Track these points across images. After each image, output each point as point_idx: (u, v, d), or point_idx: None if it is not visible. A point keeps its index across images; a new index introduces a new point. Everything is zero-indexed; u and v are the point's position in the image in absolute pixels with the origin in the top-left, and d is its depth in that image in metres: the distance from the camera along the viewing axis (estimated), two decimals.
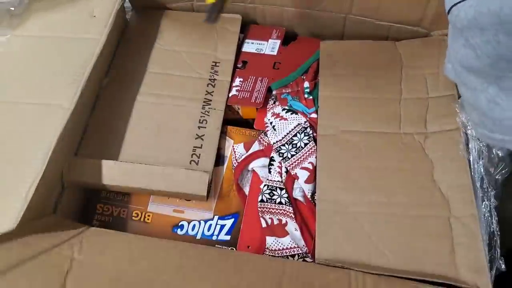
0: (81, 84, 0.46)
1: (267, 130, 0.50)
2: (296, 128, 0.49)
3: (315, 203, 0.46)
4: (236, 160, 0.50)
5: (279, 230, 0.46)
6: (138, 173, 0.46)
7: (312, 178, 0.47)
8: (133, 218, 0.49)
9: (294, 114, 0.50)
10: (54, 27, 0.51)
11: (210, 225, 0.49)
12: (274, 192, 0.47)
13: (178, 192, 0.46)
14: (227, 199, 0.50)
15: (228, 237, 0.48)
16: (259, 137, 0.51)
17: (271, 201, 0.47)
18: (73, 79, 0.46)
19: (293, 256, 0.45)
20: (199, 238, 0.48)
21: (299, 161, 0.48)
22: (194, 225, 0.49)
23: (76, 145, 0.48)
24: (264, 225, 0.46)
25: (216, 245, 0.47)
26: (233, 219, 0.49)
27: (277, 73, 0.53)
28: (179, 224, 0.49)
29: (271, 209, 0.47)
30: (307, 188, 0.46)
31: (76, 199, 0.49)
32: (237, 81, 0.53)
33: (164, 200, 0.50)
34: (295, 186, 0.48)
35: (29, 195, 0.39)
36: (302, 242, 0.45)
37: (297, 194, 0.47)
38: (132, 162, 0.47)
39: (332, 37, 0.57)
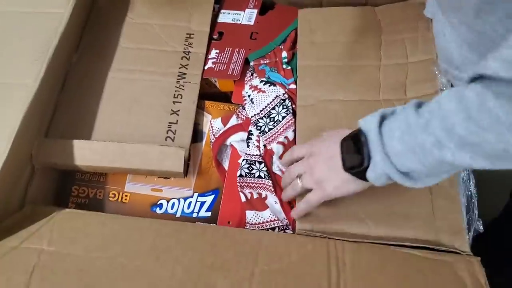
0: (46, 61, 0.44)
1: (245, 104, 0.49)
2: (275, 100, 0.48)
3: None
4: (214, 135, 0.49)
5: (259, 204, 0.45)
6: (111, 152, 0.45)
7: None
8: (110, 199, 0.48)
9: (272, 86, 0.49)
10: (11, 1, 0.49)
11: (190, 202, 0.48)
12: (253, 166, 0.47)
13: (154, 169, 0.45)
14: (207, 176, 0.49)
15: (208, 214, 0.48)
16: (237, 111, 0.50)
17: (250, 176, 0.46)
18: (37, 56, 0.44)
19: (273, 228, 0.45)
20: (179, 216, 0.48)
21: (276, 135, 0.47)
22: (173, 203, 0.48)
23: (45, 125, 0.47)
24: (243, 199, 0.46)
25: (197, 222, 0.47)
26: (213, 196, 0.48)
27: (255, 43, 0.51)
28: (158, 203, 0.48)
29: (250, 183, 0.46)
30: (282, 164, 0.46)
31: (49, 182, 0.48)
32: (213, 53, 0.51)
33: (141, 179, 0.49)
34: (273, 160, 0.47)
35: None
36: (283, 215, 0.45)
37: (275, 169, 0.47)
38: (105, 140, 0.46)
39: (311, 5, 0.55)
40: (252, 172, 0.46)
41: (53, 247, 0.39)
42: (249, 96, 0.49)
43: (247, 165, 0.47)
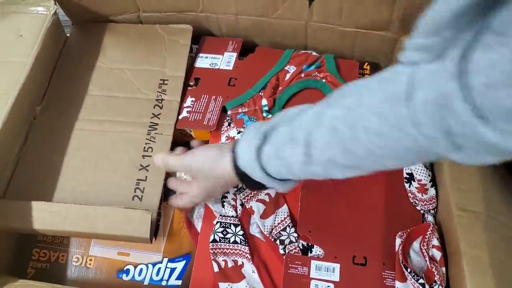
0: (3, 116, 0.43)
1: None
2: None
3: (274, 240, 0.43)
4: None
5: (234, 274, 0.42)
6: (72, 215, 0.42)
7: (270, 212, 0.43)
8: (74, 263, 0.46)
9: None
10: None
11: (159, 268, 0.46)
12: (227, 229, 0.44)
13: (118, 235, 0.42)
14: (178, 238, 0.46)
15: (179, 282, 0.45)
16: None
17: (224, 241, 0.43)
18: None
19: None
20: (146, 284, 0.45)
21: (254, 193, 0.44)
22: (141, 270, 0.46)
23: (3, 185, 0.45)
24: (216, 269, 0.42)
25: None
26: (184, 261, 0.45)
27: (233, 90, 0.49)
28: (125, 268, 0.46)
29: (224, 250, 0.43)
30: (264, 224, 0.43)
31: (7, 243, 0.46)
32: (189, 101, 0.49)
33: (107, 241, 0.47)
34: (251, 221, 0.44)
35: None
36: (261, 286, 0.41)
37: (254, 231, 0.44)
38: (67, 202, 0.43)
39: (295, 47, 0.53)
40: (226, 236, 0.43)
41: None
42: None
43: (221, 229, 0.44)
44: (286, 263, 0.42)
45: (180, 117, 0.48)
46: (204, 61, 0.52)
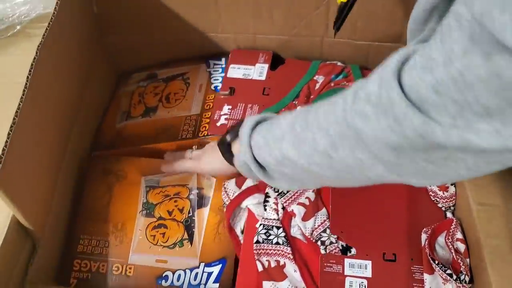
0: None
1: None
2: None
3: (315, 241, 0.46)
4: (229, 197, 0.49)
5: (277, 273, 0.45)
6: None
7: (311, 214, 0.47)
8: (114, 272, 0.47)
9: None
10: None
11: (197, 273, 0.48)
12: (270, 231, 0.47)
13: None
14: (213, 243, 0.49)
15: (216, 285, 0.47)
16: None
17: (267, 242, 0.46)
18: None
19: None
20: None
21: (295, 196, 0.48)
22: (179, 275, 0.47)
23: None
24: (260, 268, 0.45)
25: None
26: (220, 265, 0.48)
27: (267, 99, 0.53)
28: (163, 275, 0.47)
29: (267, 250, 0.46)
30: (305, 226, 0.46)
31: (49, 255, 0.46)
32: (225, 108, 0.53)
33: (146, 249, 0.48)
34: (292, 223, 0.48)
35: None
36: (303, 284, 0.45)
37: (295, 232, 0.47)
38: None
39: (316, 58, 0.58)
40: (269, 238, 0.47)
41: None
42: None
43: (264, 231, 0.47)
44: (321, 263, 0.45)
45: (218, 124, 0.51)
46: (236, 72, 0.56)
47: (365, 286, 0.45)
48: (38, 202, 0.43)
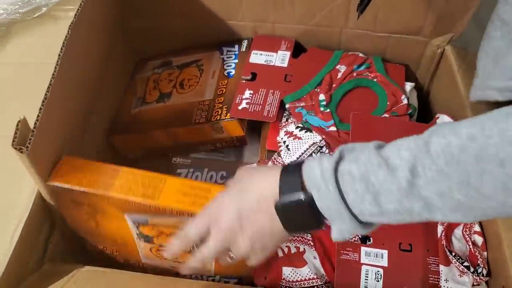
0: None
1: (281, 150, 0.50)
2: (311, 147, 0.50)
3: None
4: None
5: (297, 259, 0.46)
6: None
7: None
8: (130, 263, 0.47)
9: (308, 132, 0.51)
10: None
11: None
12: None
13: None
14: (227, 268, 0.46)
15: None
16: (273, 158, 0.51)
17: None
18: None
19: (312, 287, 0.45)
20: None
21: None
22: None
23: None
24: (281, 254, 0.46)
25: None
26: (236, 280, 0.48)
27: (289, 86, 0.53)
28: None
29: None
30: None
31: (68, 234, 0.46)
32: (247, 93, 0.53)
33: (156, 262, 0.47)
34: None
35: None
36: (322, 271, 0.45)
37: None
38: None
39: (335, 48, 0.59)
40: None
41: None
42: (284, 142, 0.50)
43: None
44: (338, 250, 0.46)
45: (239, 107, 0.51)
46: (258, 58, 0.56)
47: (380, 275, 0.45)
48: None
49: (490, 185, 0.24)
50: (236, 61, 0.59)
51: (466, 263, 0.45)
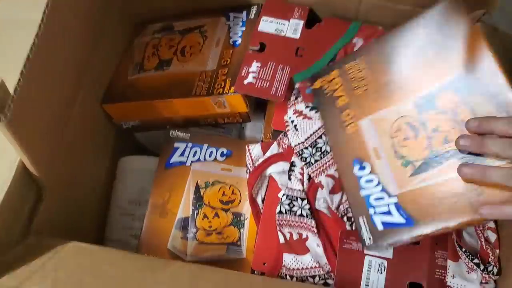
0: None
1: (287, 130, 0.47)
2: (321, 129, 0.46)
3: (341, 216, 0.44)
4: (253, 163, 0.46)
5: (299, 247, 0.44)
6: None
7: (339, 188, 0.45)
8: None
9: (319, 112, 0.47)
10: None
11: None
12: (294, 202, 0.45)
13: None
14: None
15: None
16: (278, 139, 0.48)
17: (290, 213, 0.44)
18: None
19: (313, 277, 0.43)
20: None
21: (324, 168, 0.45)
22: None
23: None
24: (282, 240, 0.44)
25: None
26: None
27: (300, 61, 0.49)
28: None
29: (290, 222, 0.44)
30: (332, 199, 0.44)
31: (57, 207, 0.43)
32: (254, 66, 0.48)
33: None
34: (318, 196, 0.45)
35: None
36: (325, 260, 0.43)
37: (320, 205, 0.45)
38: None
39: (352, 18, 0.53)
40: (293, 209, 0.44)
41: None
42: (292, 122, 0.47)
43: (287, 201, 0.45)
44: (341, 239, 0.44)
45: (245, 82, 0.47)
46: (268, 26, 0.52)
47: (384, 266, 0.43)
48: (45, 149, 0.40)
49: None
50: (244, 29, 0.54)
51: (476, 260, 0.43)
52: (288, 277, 0.43)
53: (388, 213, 0.39)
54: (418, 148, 0.39)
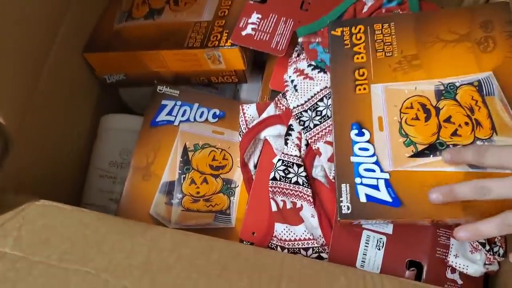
0: None
1: (287, 91, 0.43)
2: (323, 91, 0.42)
3: None
4: (247, 125, 0.42)
5: (292, 216, 0.40)
6: None
7: None
8: None
9: (322, 72, 0.43)
10: None
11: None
12: (289, 169, 0.41)
13: None
14: None
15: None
16: (276, 100, 0.43)
17: (285, 180, 0.41)
18: None
19: (306, 249, 0.40)
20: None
21: (323, 133, 0.41)
22: None
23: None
24: (274, 208, 0.40)
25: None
26: None
27: (305, 15, 0.45)
28: None
29: (284, 190, 0.41)
30: (330, 168, 0.41)
31: (26, 163, 0.40)
32: (254, 17, 0.44)
33: None
34: (315, 163, 0.42)
35: None
36: (319, 232, 0.40)
37: (317, 174, 0.41)
38: None
39: None
40: (288, 176, 0.41)
41: (19, 251, 0.31)
42: (292, 81, 0.43)
43: (283, 167, 0.41)
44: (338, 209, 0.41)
45: (243, 33, 0.43)
46: None
47: (383, 242, 0.40)
48: (15, 96, 0.36)
49: None
50: None
51: (482, 240, 0.40)
52: (279, 248, 0.40)
53: (376, 187, 0.37)
54: (425, 132, 0.38)
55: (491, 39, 0.41)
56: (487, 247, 0.40)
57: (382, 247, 0.40)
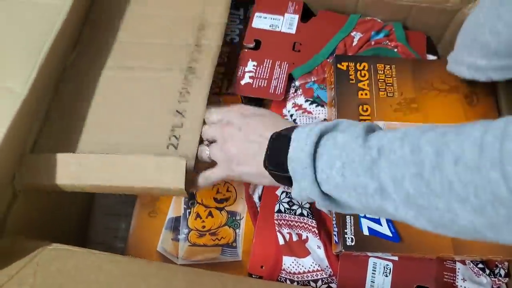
0: (39, 62, 0.37)
1: None
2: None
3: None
4: None
5: (299, 248, 0.41)
6: (96, 166, 0.37)
7: None
8: None
9: (319, 106, 0.45)
10: None
11: None
12: (293, 201, 0.43)
13: (150, 187, 0.37)
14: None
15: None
16: None
17: (290, 212, 0.42)
18: (28, 55, 0.38)
19: (315, 281, 0.41)
20: None
21: None
22: None
23: (32, 138, 0.40)
24: (281, 241, 0.41)
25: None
26: None
27: (298, 56, 0.48)
28: None
29: (289, 222, 0.42)
30: None
31: (35, 207, 0.41)
32: (250, 65, 0.47)
33: None
34: None
35: None
36: (326, 262, 0.41)
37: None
38: (93, 152, 0.39)
39: (350, 11, 0.52)
40: (292, 208, 0.42)
41: None
42: (291, 116, 0.45)
43: (287, 199, 0.42)
44: None
45: (242, 82, 0.46)
46: (263, 22, 0.50)
47: (390, 269, 0.41)
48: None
49: (439, 181, 0.24)
50: (241, 26, 0.53)
51: (480, 265, 0.41)
52: (288, 281, 0.41)
53: (377, 221, 0.39)
54: None
55: (475, 95, 0.44)
56: (487, 271, 0.40)
57: (390, 273, 0.41)
